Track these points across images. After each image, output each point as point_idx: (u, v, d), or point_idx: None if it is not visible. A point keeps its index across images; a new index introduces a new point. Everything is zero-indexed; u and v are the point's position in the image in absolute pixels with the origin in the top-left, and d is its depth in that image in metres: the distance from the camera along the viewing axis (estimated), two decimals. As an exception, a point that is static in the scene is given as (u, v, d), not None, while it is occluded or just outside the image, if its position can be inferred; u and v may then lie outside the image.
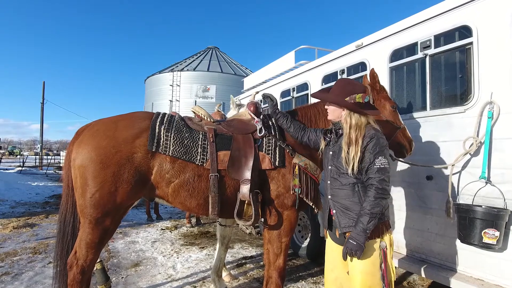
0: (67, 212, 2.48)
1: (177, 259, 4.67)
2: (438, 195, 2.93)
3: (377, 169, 1.90)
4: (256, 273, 4.13)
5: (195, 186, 2.35)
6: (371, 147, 1.93)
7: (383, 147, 1.95)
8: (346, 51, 4.08)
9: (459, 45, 2.81)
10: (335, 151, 2.12)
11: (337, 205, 2.05)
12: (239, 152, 2.42)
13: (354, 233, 1.89)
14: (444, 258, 2.90)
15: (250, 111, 2.66)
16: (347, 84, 2.11)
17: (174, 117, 2.54)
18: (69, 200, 2.47)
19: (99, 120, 2.53)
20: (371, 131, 1.99)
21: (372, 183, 1.90)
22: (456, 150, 2.78)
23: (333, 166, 2.09)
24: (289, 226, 2.49)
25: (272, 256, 2.49)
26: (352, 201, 2.00)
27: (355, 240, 1.87)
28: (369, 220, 1.86)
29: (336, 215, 2.06)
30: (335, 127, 2.17)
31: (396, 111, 2.72)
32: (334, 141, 2.17)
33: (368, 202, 1.89)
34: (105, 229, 2.29)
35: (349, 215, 1.99)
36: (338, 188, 2.05)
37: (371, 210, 1.86)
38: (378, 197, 1.88)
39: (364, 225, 1.86)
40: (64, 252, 2.47)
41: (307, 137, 2.45)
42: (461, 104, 2.80)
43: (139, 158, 2.28)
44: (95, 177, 2.21)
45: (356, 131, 1.98)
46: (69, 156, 2.41)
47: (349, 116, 2.03)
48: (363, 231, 1.86)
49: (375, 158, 1.92)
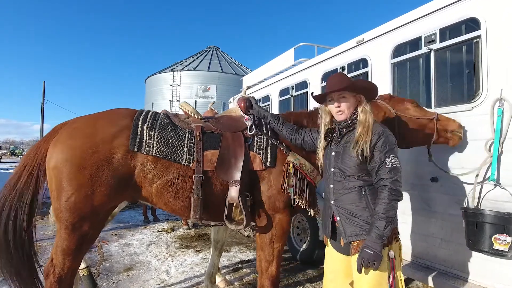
0: (5, 202, 2.15)
1: (172, 263, 4.51)
2: (444, 198, 2.77)
3: (389, 169, 1.75)
4: (253, 278, 3.96)
5: (180, 187, 2.20)
6: (380, 145, 1.79)
7: (392, 145, 1.81)
8: (347, 47, 3.92)
9: (466, 38, 2.64)
10: (338, 152, 1.95)
11: (342, 211, 1.88)
12: (228, 152, 2.25)
13: (370, 241, 1.70)
14: (450, 265, 2.73)
15: (240, 107, 2.49)
16: (344, 75, 2.06)
17: (159, 114, 2.38)
18: (14, 192, 2.16)
19: (79, 117, 2.37)
20: (379, 127, 1.85)
21: (385, 184, 1.74)
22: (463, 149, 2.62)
23: (337, 168, 1.92)
24: (281, 231, 2.32)
25: (264, 263, 2.32)
26: (358, 206, 1.83)
27: (371, 249, 1.68)
28: (386, 225, 1.69)
29: (341, 223, 1.88)
30: (339, 126, 1.99)
31: (420, 106, 2.57)
32: (337, 141, 1.99)
33: (381, 205, 1.72)
34: (83, 235, 2.12)
35: (355, 222, 1.82)
36: (342, 193, 1.88)
37: (386, 214, 1.70)
38: (392, 199, 1.72)
39: (380, 231, 1.69)
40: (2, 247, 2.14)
41: (302, 138, 2.28)
42: (469, 101, 2.63)
43: (118, 159, 2.11)
44: (70, 180, 2.05)
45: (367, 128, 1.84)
46: (37, 150, 2.20)
47: (362, 113, 1.88)
48: (379, 237, 1.69)
49: (386, 157, 1.77)
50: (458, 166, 2.65)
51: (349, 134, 1.95)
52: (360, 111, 1.89)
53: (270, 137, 2.34)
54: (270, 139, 2.33)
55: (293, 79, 5.10)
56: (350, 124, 1.94)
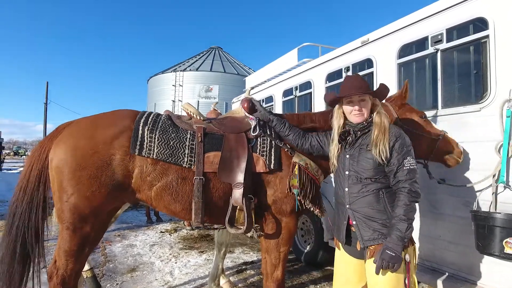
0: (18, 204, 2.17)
1: (175, 264, 4.50)
2: (451, 200, 2.73)
3: (407, 171, 1.76)
4: (257, 280, 3.94)
5: (179, 189, 2.17)
6: (398, 147, 1.80)
7: (409, 146, 1.83)
8: (351, 47, 3.88)
9: (474, 38, 2.60)
10: (353, 155, 1.92)
11: (358, 215, 1.85)
12: (230, 153, 2.22)
13: (391, 243, 1.69)
14: (458, 268, 2.69)
15: (244, 108, 2.46)
16: (359, 77, 2.02)
17: (161, 116, 2.36)
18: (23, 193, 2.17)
19: (81, 118, 2.37)
20: (396, 130, 1.87)
21: (404, 186, 1.75)
22: (471, 151, 2.58)
23: (352, 171, 1.89)
24: (288, 235, 2.28)
25: (269, 267, 2.29)
26: (376, 209, 1.82)
27: (393, 251, 1.67)
28: (407, 227, 1.69)
29: (357, 227, 1.85)
30: (354, 129, 1.96)
31: (428, 120, 2.51)
32: (352, 144, 1.95)
33: (401, 207, 1.72)
34: (85, 236, 2.11)
35: (372, 226, 1.81)
36: (358, 196, 1.86)
37: (407, 216, 1.70)
38: (412, 200, 1.73)
39: (402, 233, 1.69)
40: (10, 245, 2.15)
41: (309, 143, 2.23)
42: (476, 102, 2.60)
43: (117, 160, 2.10)
44: (70, 180, 2.04)
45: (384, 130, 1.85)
46: (42, 149, 2.20)
47: (378, 116, 1.90)
48: (401, 239, 1.69)
49: (403, 159, 1.78)
50: (465, 168, 2.62)
51: (364, 136, 1.93)
52: (375, 113, 1.90)
53: (274, 138, 2.30)
54: (274, 140, 2.30)
55: (297, 79, 5.06)
56: (366, 126, 1.92)
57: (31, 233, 2.16)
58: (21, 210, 2.16)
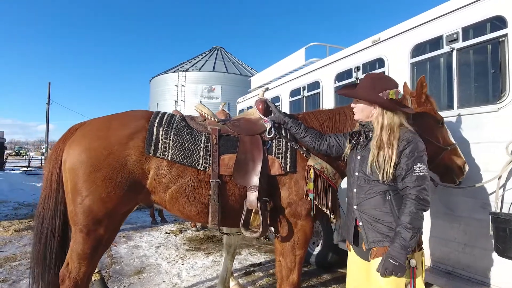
0: (45, 213, 2.19)
1: (182, 266, 4.46)
2: (467, 202, 2.68)
3: (416, 177, 1.68)
4: (266, 282, 3.90)
5: (195, 192, 2.12)
6: (408, 152, 1.72)
7: (421, 152, 1.73)
8: (362, 46, 3.83)
9: (491, 37, 2.55)
10: (364, 156, 1.87)
11: (365, 216, 1.82)
12: (246, 156, 2.17)
13: (394, 251, 1.63)
14: (473, 271, 2.64)
15: (258, 109, 2.41)
16: (378, 79, 1.87)
17: (175, 117, 2.31)
18: (49, 200, 2.19)
19: (93, 119, 2.32)
20: (408, 133, 1.77)
21: (411, 192, 1.68)
22: (488, 152, 2.53)
23: (361, 173, 1.86)
24: (304, 238, 2.24)
25: (285, 270, 2.24)
26: (382, 211, 1.77)
27: (395, 260, 1.61)
28: (411, 236, 1.62)
29: (363, 227, 1.82)
30: (365, 129, 1.92)
31: (444, 126, 2.37)
32: (363, 145, 1.91)
33: (407, 215, 1.65)
34: (99, 238, 2.07)
35: (378, 228, 1.76)
36: (365, 197, 1.82)
37: (412, 224, 1.63)
38: (419, 208, 1.65)
39: (405, 242, 1.62)
40: (41, 255, 2.19)
41: (327, 144, 2.17)
42: (494, 102, 2.55)
43: (133, 161, 2.06)
44: (84, 181, 2.00)
45: (389, 132, 1.76)
46: (57, 153, 2.18)
47: (381, 115, 1.80)
48: (404, 248, 1.62)
49: (413, 164, 1.70)
50: (483, 169, 2.57)
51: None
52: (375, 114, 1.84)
53: (289, 140, 2.26)
54: (289, 142, 2.25)
55: (304, 79, 5.02)
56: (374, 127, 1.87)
57: (58, 238, 2.16)
58: (48, 218, 2.17)
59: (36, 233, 2.22)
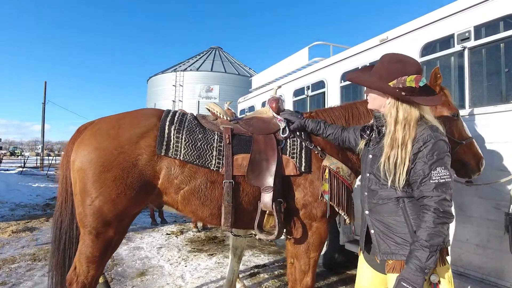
0: (63, 218, 2.19)
1: (185, 267, 4.39)
2: (480, 202, 2.64)
3: (435, 185, 1.41)
4: (272, 284, 3.84)
5: (208, 193, 2.05)
6: (425, 154, 1.43)
7: (442, 154, 1.44)
8: (368, 46, 3.80)
9: (505, 36, 2.52)
10: (375, 155, 1.63)
11: (376, 224, 1.61)
12: (260, 156, 2.11)
13: (408, 273, 1.39)
14: (486, 273, 2.61)
15: (272, 108, 2.36)
16: (395, 62, 1.54)
17: (186, 115, 2.25)
18: (66, 205, 2.18)
19: (102, 118, 2.25)
20: (426, 131, 1.47)
21: (429, 204, 1.41)
22: (501, 152, 2.50)
23: (372, 174, 1.63)
24: (319, 240, 2.17)
25: (298, 273, 2.18)
26: (395, 220, 1.54)
27: (409, 283, 1.37)
28: (428, 256, 1.37)
29: (375, 237, 1.62)
30: (378, 123, 1.68)
31: (459, 119, 2.24)
32: (376, 142, 1.67)
33: (425, 230, 1.39)
34: (108, 241, 2.00)
35: (391, 239, 1.55)
36: (377, 203, 1.60)
37: (430, 242, 1.37)
38: (438, 222, 1.38)
39: (421, 263, 1.37)
40: (60, 262, 2.18)
41: (348, 139, 2.04)
42: (508, 101, 2.52)
43: (144, 161, 1.99)
44: (94, 182, 1.93)
45: (405, 128, 1.48)
46: (68, 155, 2.13)
47: (395, 107, 1.52)
48: (421, 270, 1.37)
49: (431, 169, 1.42)
50: (496, 169, 2.53)
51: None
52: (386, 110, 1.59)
53: (304, 140, 2.20)
54: (304, 142, 2.19)
55: (308, 79, 4.97)
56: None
57: (75, 243, 2.12)
58: (67, 222, 2.16)
59: (54, 240, 2.19)
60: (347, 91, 4.24)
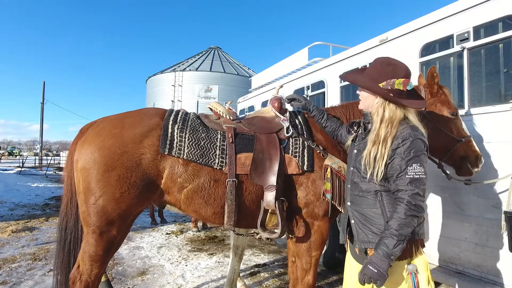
0: (68, 218, 2.21)
1: (186, 266, 4.40)
2: (479, 202, 2.67)
3: (409, 180, 1.50)
4: (272, 283, 3.86)
5: (211, 192, 2.07)
6: (403, 151, 1.53)
7: (419, 152, 1.53)
8: (368, 46, 3.82)
9: (503, 37, 2.54)
10: (360, 150, 1.73)
11: (356, 215, 1.71)
12: (262, 155, 2.13)
13: (375, 258, 1.50)
14: (485, 271, 2.63)
15: (274, 107, 2.38)
16: (386, 65, 1.65)
17: (189, 114, 2.27)
18: (71, 205, 2.20)
19: (105, 117, 2.26)
20: (407, 130, 1.57)
21: (403, 197, 1.50)
22: (500, 152, 2.53)
23: (355, 168, 1.73)
24: (321, 239, 2.19)
25: (300, 271, 2.20)
26: (373, 212, 1.64)
27: (375, 267, 1.48)
28: (396, 244, 1.47)
29: (355, 226, 1.71)
30: (365, 120, 1.79)
31: (458, 118, 2.28)
32: (361, 138, 1.78)
33: (396, 220, 1.49)
34: (111, 239, 2.02)
35: (368, 229, 1.64)
36: (358, 195, 1.70)
37: (399, 231, 1.47)
38: (409, 214, 1.48)
39: (388, 249, 1.47)
40: (65, 262, 2.21)
41: (344, 134, 2.13)
42: (506, 101, 2.54)
43: (148, 160, 2.01)
44: (98, 181, 1.94)
45: (388, 127, 1.58)
46: (72, 156, 2.15)
47: (382, 107, 1.62)
48: (387, 256, 1.47)
49: (407, 165, 1.51)
50: (495, 168, 2.56)
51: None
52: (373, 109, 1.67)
53: (306, 139, 2.22)
54: (306, 141, 2.22)
55: (308, 79, 5.00)
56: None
57: (80, 243, 2.13)
58: (72, 223, 2.19)
59: (59, 240, 2.21)
60: (347, 91, 4.27)
